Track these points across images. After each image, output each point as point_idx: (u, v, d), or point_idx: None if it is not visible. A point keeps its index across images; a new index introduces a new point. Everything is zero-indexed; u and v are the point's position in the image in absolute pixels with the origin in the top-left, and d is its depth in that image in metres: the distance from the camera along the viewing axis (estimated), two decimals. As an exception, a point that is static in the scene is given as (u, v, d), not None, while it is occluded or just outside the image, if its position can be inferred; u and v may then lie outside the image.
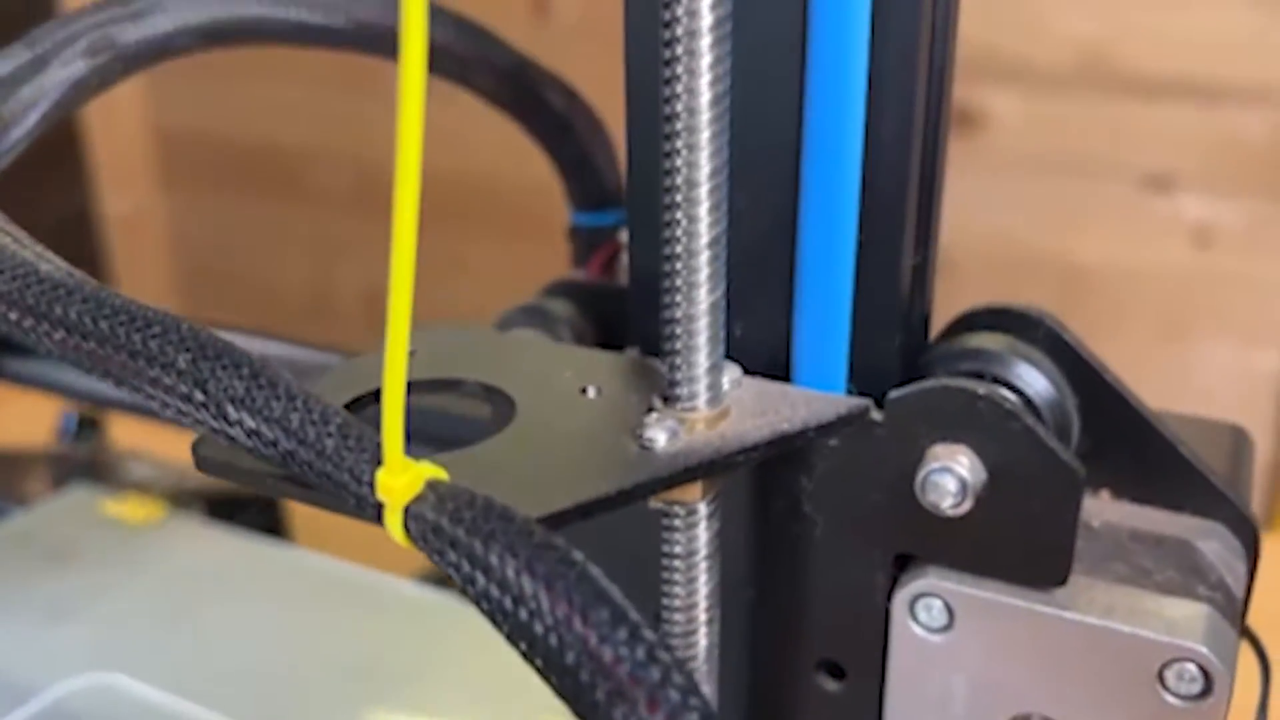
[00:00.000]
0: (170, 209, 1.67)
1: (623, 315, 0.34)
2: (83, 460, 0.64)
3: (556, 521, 0.22)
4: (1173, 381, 1.32)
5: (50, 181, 1.53)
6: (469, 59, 0.39)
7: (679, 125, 0.23)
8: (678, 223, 0.24)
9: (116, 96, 1.58)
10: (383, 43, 0.38)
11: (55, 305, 0.24)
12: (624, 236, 0.43)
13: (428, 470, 0.20)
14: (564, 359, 0.28)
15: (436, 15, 0.39)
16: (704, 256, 0.24)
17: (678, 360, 0.25)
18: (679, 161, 0.24)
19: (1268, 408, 1.28)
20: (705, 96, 0.23)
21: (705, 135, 0.23)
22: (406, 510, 0.20)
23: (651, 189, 0.25)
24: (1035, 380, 0.27)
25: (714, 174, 0.24)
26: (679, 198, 0.24)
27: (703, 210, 0.24)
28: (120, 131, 1.64)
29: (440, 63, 0.39)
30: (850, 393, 0.28)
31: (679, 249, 0.24)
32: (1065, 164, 1.32)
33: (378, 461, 0.20)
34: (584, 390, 0.27)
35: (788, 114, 0.27)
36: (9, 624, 0.49)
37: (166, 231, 1.70)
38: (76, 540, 0.53)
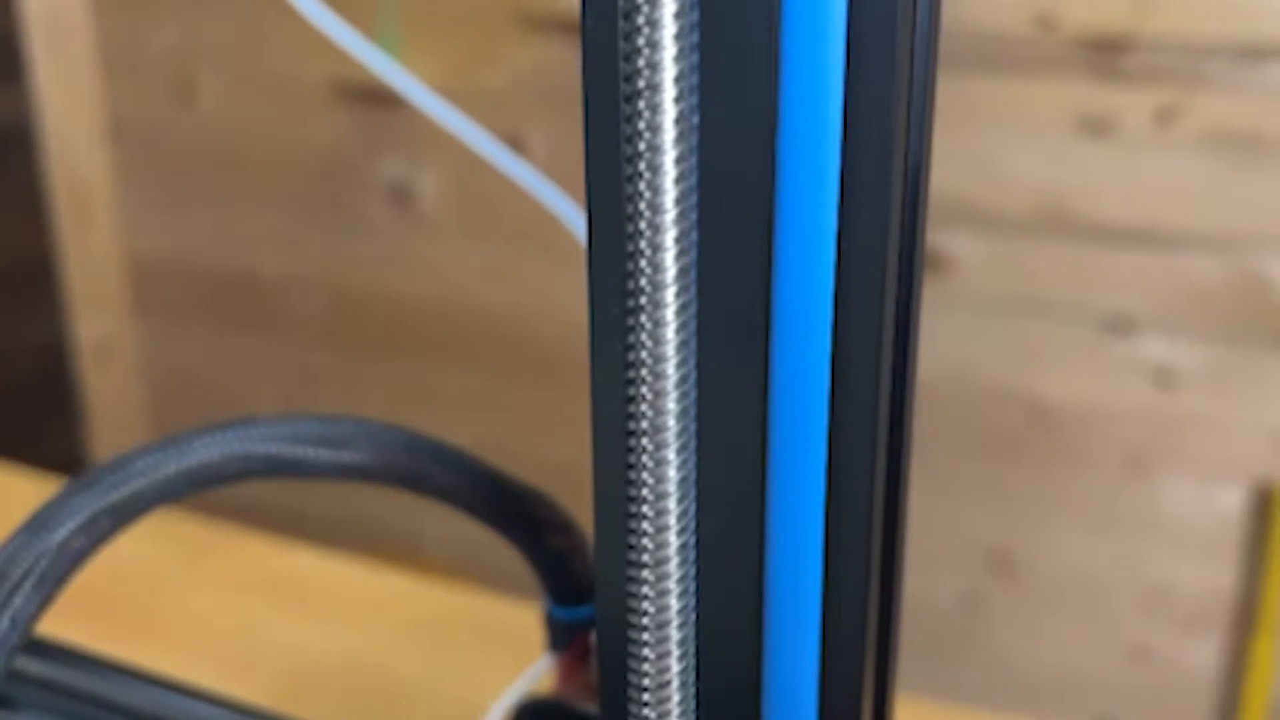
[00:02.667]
0: (142, 335, 1.68)
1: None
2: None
3: None
4: (1137, 519, 1.34)
5: (24, 308, 1.54)
6: (453, 486, 0.41)
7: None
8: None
9: (91, 225, 1.60)
10: (370, 477, 0.40)
11: None
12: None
13: None
14: None
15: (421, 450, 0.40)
16: None
17: None
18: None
19: (1232, 545, 1.30)
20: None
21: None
22: None
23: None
24: None
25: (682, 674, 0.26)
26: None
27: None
28: (94, 259, 1.65)
29: (426, 488, 0.41)
30: None
31: None
32: (1027, 306, 1.34)
33: None
34: None
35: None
36: None
37: (138, 357, 1.70)
38: None
